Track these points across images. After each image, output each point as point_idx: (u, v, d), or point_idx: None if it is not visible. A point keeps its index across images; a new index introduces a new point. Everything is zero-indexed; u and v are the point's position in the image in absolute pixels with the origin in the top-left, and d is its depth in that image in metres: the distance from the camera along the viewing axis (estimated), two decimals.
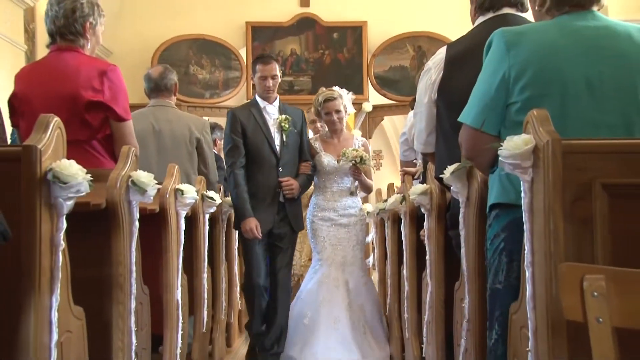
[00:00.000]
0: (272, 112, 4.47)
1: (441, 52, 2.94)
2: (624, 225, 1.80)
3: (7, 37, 6.26)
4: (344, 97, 4.75)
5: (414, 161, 4.54)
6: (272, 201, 4.39)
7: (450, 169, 2.62)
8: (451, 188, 2.69)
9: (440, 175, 2.76)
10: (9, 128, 3.29)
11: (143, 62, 8.27)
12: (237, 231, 4.70)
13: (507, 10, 2.86)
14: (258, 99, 4.51)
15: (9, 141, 3.46)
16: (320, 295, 4.64)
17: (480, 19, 2.90)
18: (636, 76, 2.11)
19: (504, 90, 2.12)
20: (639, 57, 2.13)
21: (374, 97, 8.97)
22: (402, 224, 4.08)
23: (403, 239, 4.07)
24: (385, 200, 4.62)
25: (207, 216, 4.12)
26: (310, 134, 5.16)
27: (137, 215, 2.67)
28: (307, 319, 4.63)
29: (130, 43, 8.61)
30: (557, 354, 1.75)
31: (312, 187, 4.96)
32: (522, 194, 1.93)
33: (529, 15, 2.86)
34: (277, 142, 4.44)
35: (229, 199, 4.64)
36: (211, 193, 4.07)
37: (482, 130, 2.15)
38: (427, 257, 3.27)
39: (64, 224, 2.01)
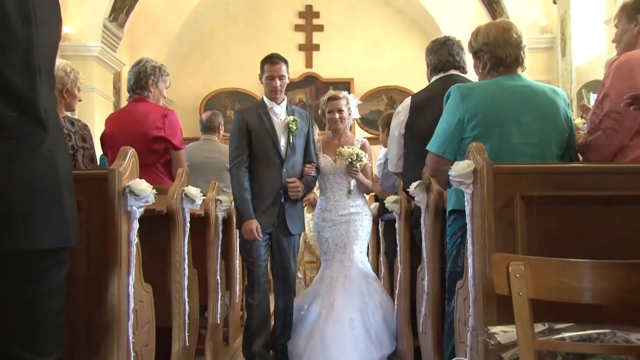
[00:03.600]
0: (279, 113, 3.33)
1: (408, 100, 2.95)
2: (536, 226, 1.81)
3: (102, 92, 6.55)
4: (350, 101, 3.76)
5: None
6: (274, 201, 3.24)
7: (414, 184, 2.63)
8: (415, 198, 2.70)
9: (407, 189, 2.77)
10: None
11: (194, 108, 8.50)
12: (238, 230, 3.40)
13: (453, 71, 2.89)
14: (266, 99, 3.34)
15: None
16: (322, 289, 3.54)
17: (435, 77, 2.93)
18: (548, 121, 2.16)
19: (460, 128, 2.15)
20: (550, 108, 2.18)
21: (359, 133, 8.99)
22: (379, 224, 4.08)
23: (380, 235, 4.06)
24: None
25: None
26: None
27: (188, 218, 2.67)
28: (303, 311, 3.54)
29: (185, 94, 8.76)
30: (490, 318, 1.76)
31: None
32: (466, 203, 1.94)
33: (468, 76, 2.88)
34: (282, 143, 3.29)
35: None
36: None
37: (443, 157, 2.17)
38: (398, 248, 3.27)
39: (137, 225, 2.01)
